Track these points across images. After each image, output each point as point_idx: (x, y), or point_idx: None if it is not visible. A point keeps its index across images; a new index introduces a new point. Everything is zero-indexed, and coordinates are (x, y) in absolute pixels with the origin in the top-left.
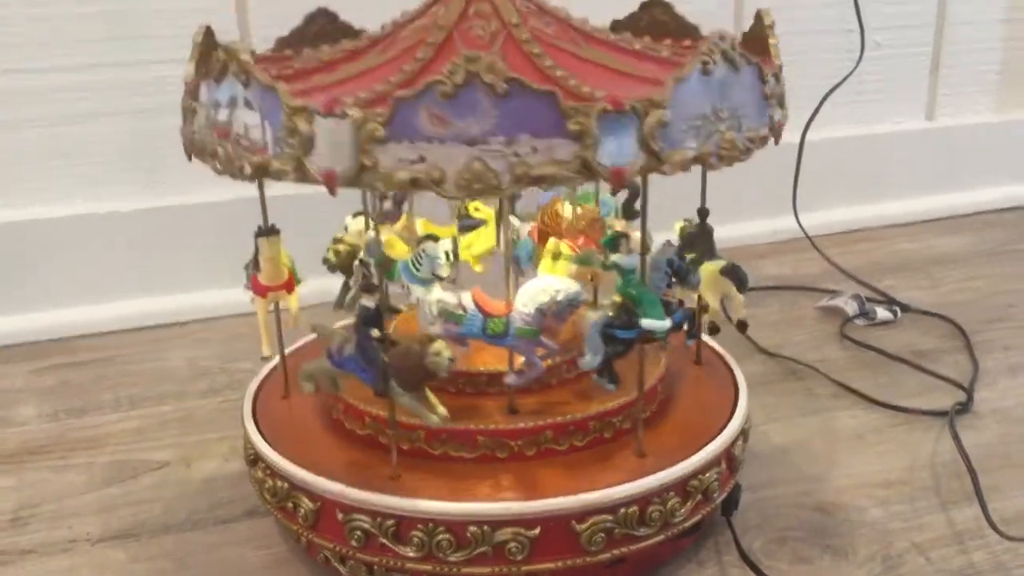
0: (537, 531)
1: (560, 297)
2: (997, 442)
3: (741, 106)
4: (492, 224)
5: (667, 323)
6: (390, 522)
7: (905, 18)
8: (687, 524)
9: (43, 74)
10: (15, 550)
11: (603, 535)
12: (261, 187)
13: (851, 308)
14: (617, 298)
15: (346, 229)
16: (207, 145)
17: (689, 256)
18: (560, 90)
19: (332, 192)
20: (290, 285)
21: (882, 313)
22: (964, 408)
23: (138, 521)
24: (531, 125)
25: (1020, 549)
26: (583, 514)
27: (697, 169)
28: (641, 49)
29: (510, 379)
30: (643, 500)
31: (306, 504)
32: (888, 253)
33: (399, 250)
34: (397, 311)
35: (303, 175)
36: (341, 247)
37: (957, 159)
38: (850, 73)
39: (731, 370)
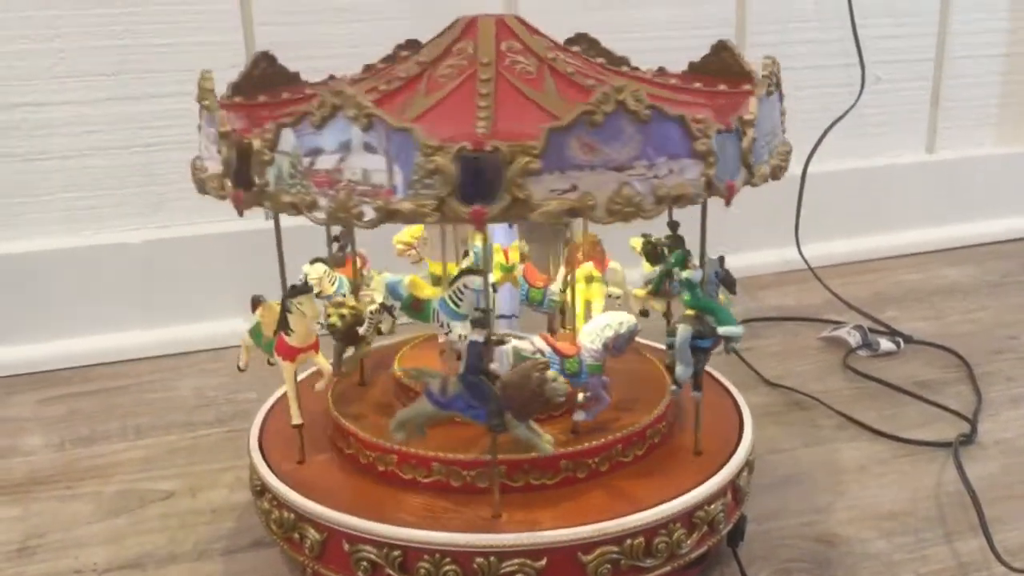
0: (544, 562)
1: (623, 330)
2: (1001, 473)
3: (778, 124)
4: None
5: (741, 328)
6: (396, 553)
7: (905, 52)
8: (693, 555)
9: (53, 107)
10: None
11: (609, 566)
12: (280, 248)
13: (854, 339)
14: (690, 312)
15: (306, 278)
16: (300, 197)
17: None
18: None
19: (480, 229)
20: (317, 344)
21: (885, 344)
22: (968, 439)
23: (144, 551)
24: (667, 148)
25: None
26: (589, 545)
27: None
28: (651, 78)
29: (579, 416)
30: (649, 531)
31: (312, 535)
32: (891, 284)
33: (428, 290)
34: (503, 342)
35: (446, 214)
36: (345, 311)
37: (958, 192)
38: (851, 107)
39: (735, 400)
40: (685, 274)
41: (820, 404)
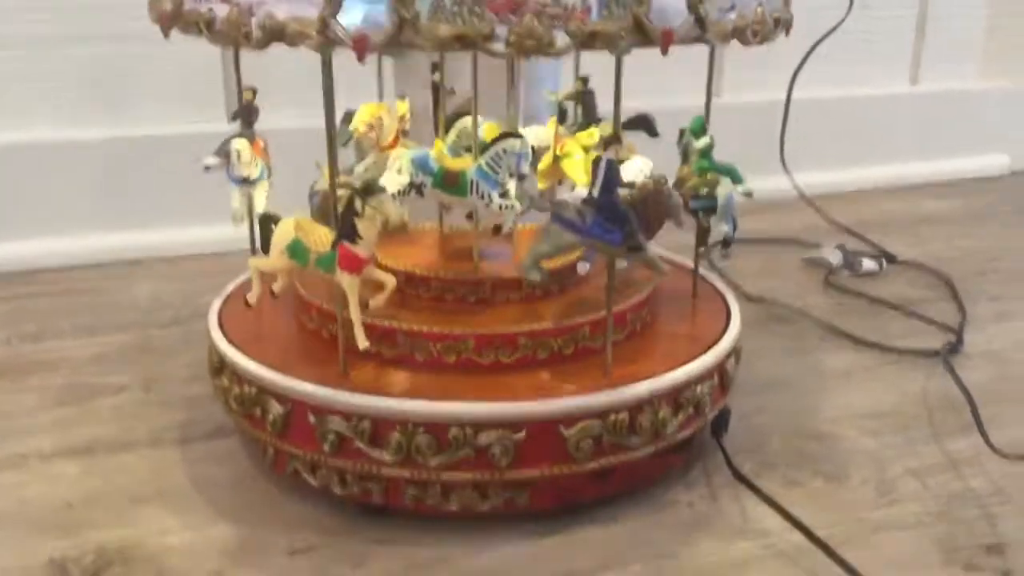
0: (522, 434)
1: (649, 173)
2: (988, 380)
3: None
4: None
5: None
6: (365, 423)
7: None
8: (678, 438)
9: None
10: None
11: (591, 442)
12: (332, 146)
13: (835, 258)
14: (710, 176)
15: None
16: (471, 27)
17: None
18: None
19: (664, 52)
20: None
21: (867, 264)
22: (954, 348)
23: (94, 438)
24: None
25: (1018, 469)
26: (571, 419)
27: None
28: None
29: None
30: (634, 408)
31: (275, 408)
32: (874, 213)
33: (459, 161)
34: (622, 161)
35: (640, 36)
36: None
37: (940, 124)
38: (836, 26)
39: (722, 295)
40: (703, 140)
41: (803, 317)
